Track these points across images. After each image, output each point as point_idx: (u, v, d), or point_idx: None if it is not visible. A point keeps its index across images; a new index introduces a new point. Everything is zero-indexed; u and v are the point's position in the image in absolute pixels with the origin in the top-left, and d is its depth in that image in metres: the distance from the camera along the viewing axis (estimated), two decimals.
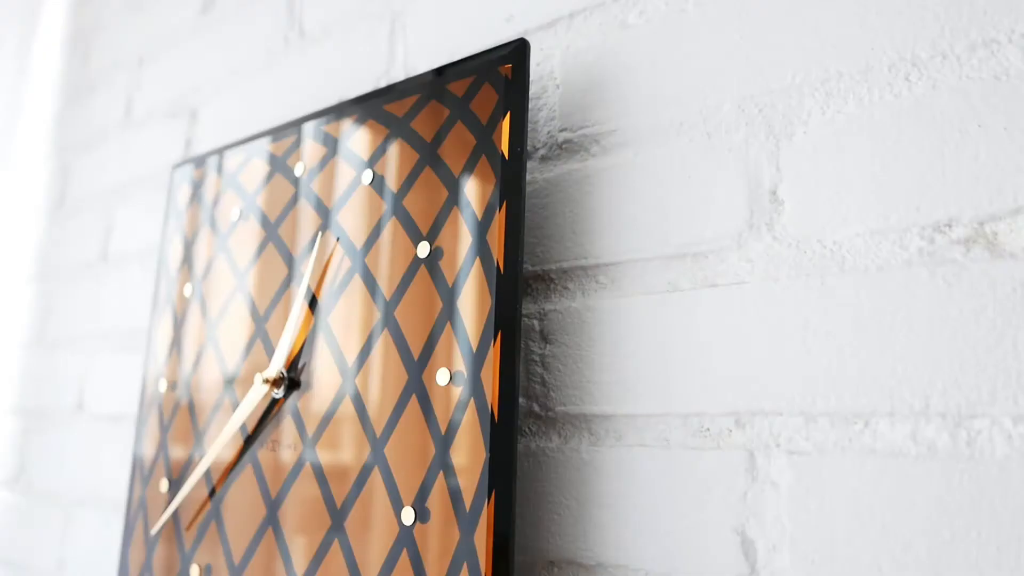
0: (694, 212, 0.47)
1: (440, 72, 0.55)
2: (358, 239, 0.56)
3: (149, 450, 0.69)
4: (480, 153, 0.50)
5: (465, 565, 0.45)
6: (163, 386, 0.69)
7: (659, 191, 0.49)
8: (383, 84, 0.67)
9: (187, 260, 0.71)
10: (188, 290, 0.69)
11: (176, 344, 0.69)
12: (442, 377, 0.48)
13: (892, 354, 0.39)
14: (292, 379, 0.58)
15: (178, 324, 0.69)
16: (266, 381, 0.57)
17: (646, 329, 0.48)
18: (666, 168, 0.49)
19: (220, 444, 0.60)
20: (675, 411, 0.46)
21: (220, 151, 0.71)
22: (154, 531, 0.64)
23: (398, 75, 0.66)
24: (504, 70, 0.51)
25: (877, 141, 0.41)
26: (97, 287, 0.93)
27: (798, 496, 0.41)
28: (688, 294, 0.46)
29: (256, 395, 0.58)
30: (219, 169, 0.70)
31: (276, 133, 0.66)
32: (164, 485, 0.66)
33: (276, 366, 0.57)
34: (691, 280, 0.47)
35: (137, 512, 0.68)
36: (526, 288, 0.53)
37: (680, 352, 0.46)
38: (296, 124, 0.64)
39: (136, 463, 0.70)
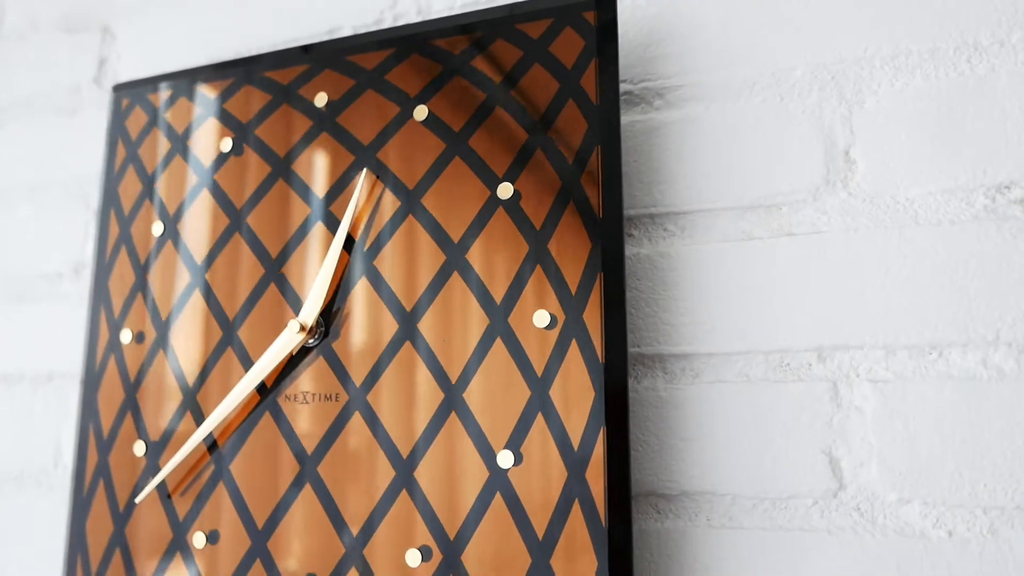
0: (768, 167, 0.51)
1: (508, 11, 0.53)
2: (410, 179, 0.53)
3: (108, 412, 0.60)
4: (566, 97, 0.50)
5: (576, 502, 0.46)
6: (126, 337, 0.60)
7: (731, 146, 0.52)
8: (388, 18, 0.64)
9: (149, 195, 0.62)
10: (157, 229, 0.61)
11: (141, 289, 0.60)
12: (540, 319, 0.48)
13: (964, 294, 0.46)
14: (326, 326, 0.54)
15: (143, 267, 0.61)
16: (302, 328, 0.53)
17: (722, 274, 0.51)
18: (738, 125, 0.52)
19: (234, 399, 0.54)
20: (755, 349, 0.50)
21: (191, 74, 0.63)
22: (139, 499, 0.56)
23: (407, 10, 0.63)
24: (588, 16, 0.51)
25: (944, 113, 0.48)
26: None
27: (882, 418, 0.47)
28: (765, 242, 0.50)
29: (286, 343, 0.53)
30: (191, 94, 0.62)
31: (278, 59, 0.60)
32: (140, 448, 0.58)
33: (311, 312, 0.53)
34: (767, 230, 0.51)
35: (94, 482, 0.59)
36: None
37: (758, 295, 0.50)
38: (304, 51, 0.59)
39: (87, 428, 0.60)
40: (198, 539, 0.54)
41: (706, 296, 0.51)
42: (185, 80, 0.63)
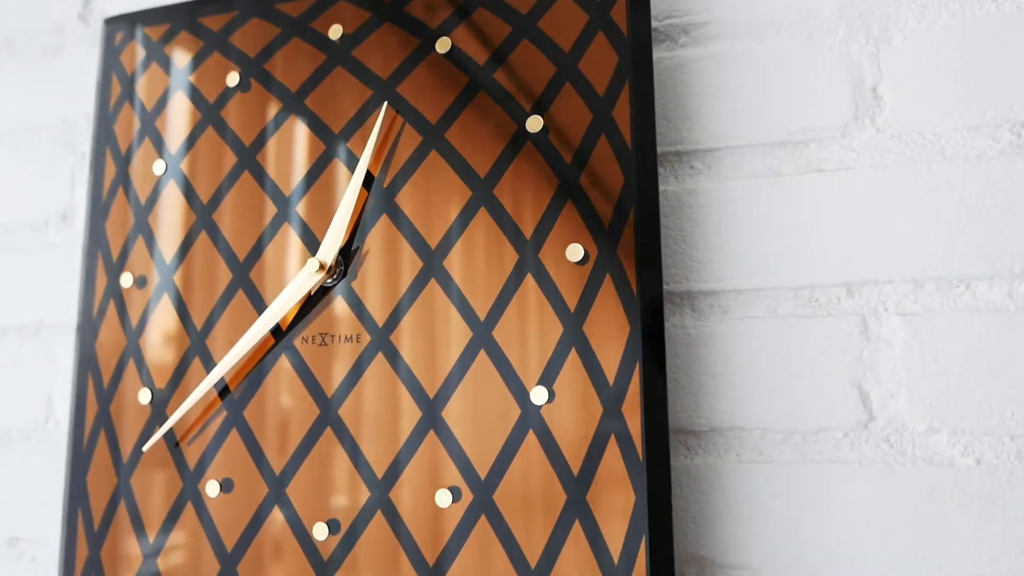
0: (796, 104, 0.51)
1: None
2: (432, 113, 0.52)
3: (108, 360, 0.57)
4: (595, 30, 0.49)
5: (613, 437, 0.45)
6: (127, 281, 0.57)
7: (758, 83, 0.52)
8: None
9: (148, 133, 0.59)
10: (159, 168, 0.58)
11: (142, 231, 0.58)
12: (573, 253, 0.47)
13: (991, 228, 0.47)
14: (345, 266, 0.52)
15: (143, 208, 0.58)
16: (321, 267, 0.51)
17: (750, 211, 0.51)
18: (765, 62, 0.52)
19: (248, 341, 0.52)
20: (784, 285, 0.50)
21: (192, 6, 0.60)
22: (146, 447, 0.54)
23: None
24: None
25: (970, 50, 0.49)
26: None
27: (912, 350, 0.47)
28: (793, 179, 0.50)
29: (303, 283, 0.51)
30: (192, 27, 0.59)
31: None
32: (145, 396, 0.55)
33: (330, 250, 0.51)
34: (795, 166, 0.51)
35: (95, 433, 0.57)
36: None
37: (786, 231, 0.50)
38: None
39: (85, 378, 0.58)
40: (211, 487, 0.52)
41: (734, 233, 0.51)
42: (185, 12, 0.60)
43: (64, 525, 0.56)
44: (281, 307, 0.51)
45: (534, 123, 0.49)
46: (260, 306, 0.53)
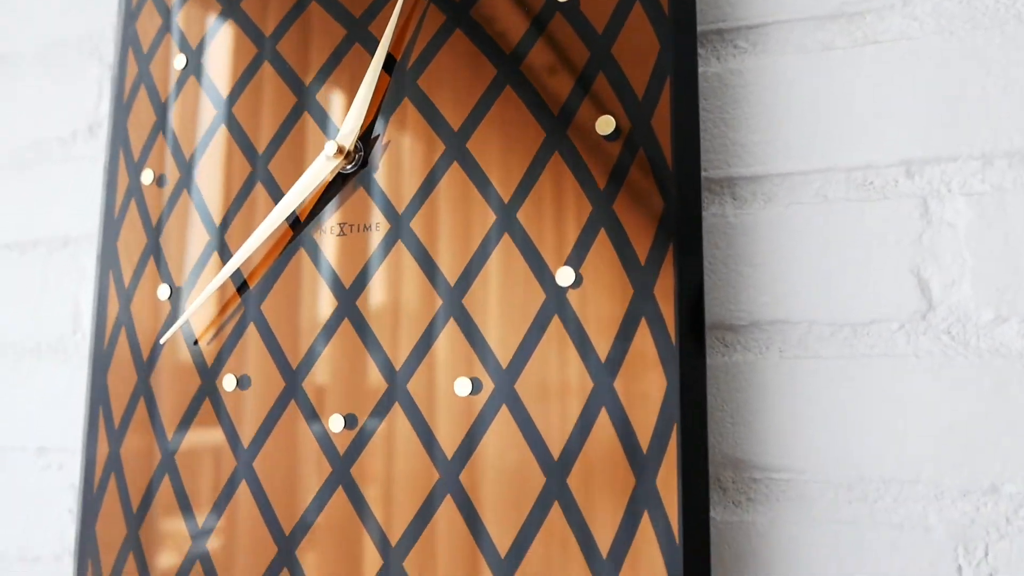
0: None
1: None
2: None
3: (129, 259, 0.56)
4: None
5: (644, 320, 0.42)
6: (147, 178, 0.56)
7: None
8: None
9: (168, 28, 0.58)
10: (179, 62, 0.56)
11: (162, 128, 0.56)
12: (603, 126, 0.44)
13: None
14: (365, 156, 0.50)
15: (163, 104, 0.57)
16: (339, 152, 0.49)
17: (798, 88, 0.47)
18: None
19: (264, 231, 0.50)
20: (835, 167, 0.46)
21: None
22: (163, 340, 0.53)
23: None
24: None
25: None
26: None
27: (978, 233, 0.43)
28: (847, 52, 0.46)
29: (319, 170, 0.49)
30: None
31: None
32: (164, 292, 0.54)
33: (349, 134, 0.49)
34: (849, 39, 0.46)
35: (115, 332, 0.56)
36: None
37: (839, 109, 0.46)
38: None
39: (107, 277, 0.57)
40: (228, 382, 0.51)
41: (780, 113, 0.47)
42: None
43: (86, 424, 0.56)
44: (298, 194, 0.49)
45: None
46: (279, 198, 0.52)
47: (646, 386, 0.41)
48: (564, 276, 0.44)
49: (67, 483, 0.62)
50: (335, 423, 0.47)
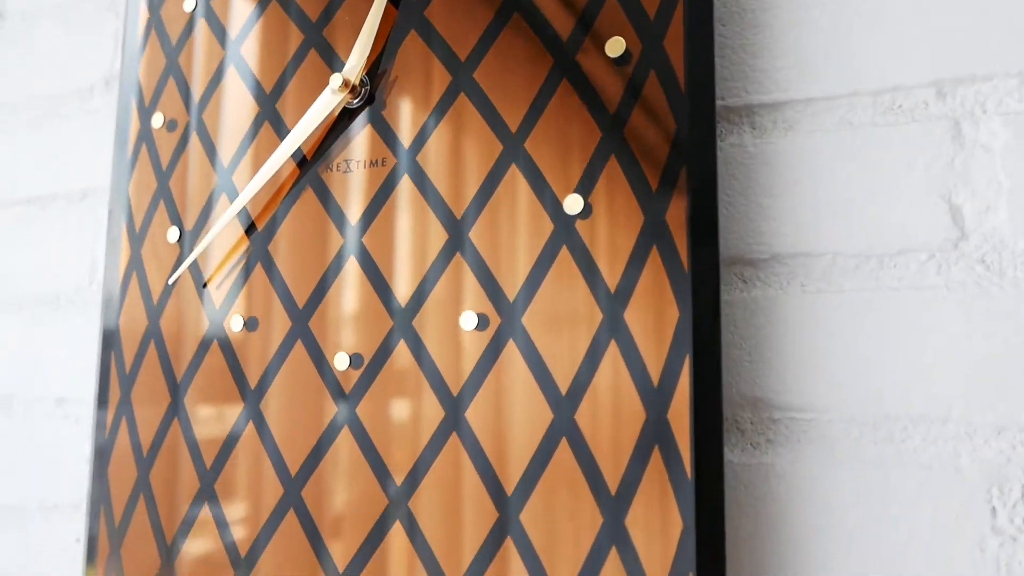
0: None
1: None
2: None
3: (140, 203, 0.56)
4: None
5: (655, 248, 0.40)
6: (157, 122, 0.56)
7: None
8: None
9: None
10: (189, 4, 0.56)
11: (172, 72, 0.56)
12: (613, 48, 0.42)
13: None
14: (371, 90, 0.48)
15: (174, 48, 0.56)
16: (344, 85, 0.47)
17: (821, 9, 0.44)
18: None
19: (270, 168, 0.49)
20: (861, 90, 0.43)
21: None
22: (172, 280, 0.52)
23: None
24: None
25: None
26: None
27: (1015, 154, 0.40)
28: None
29: (325, 104, 0.48)
30: None
31: None
32: (173, 235, 0.54)
33: (354, 68, 0.48)
34: None
35: (127, 276, 0.55)
36: None
37: (864, 28, 0.43)
38: None
39: (119, 223, 0.56)
40: (235, 322, 0.50)
41: (802, 36, 0.44)
42: None
43: (98, 369, 0.55)
44: (304, 129, 0.48)
45: None
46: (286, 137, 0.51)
47: (657, 317, 0.40)
48: (572, 204, 0.42)
49: (85, 433, 0.63)
50: (340, 361, 0.46)
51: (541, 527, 0.41)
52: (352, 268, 0.47)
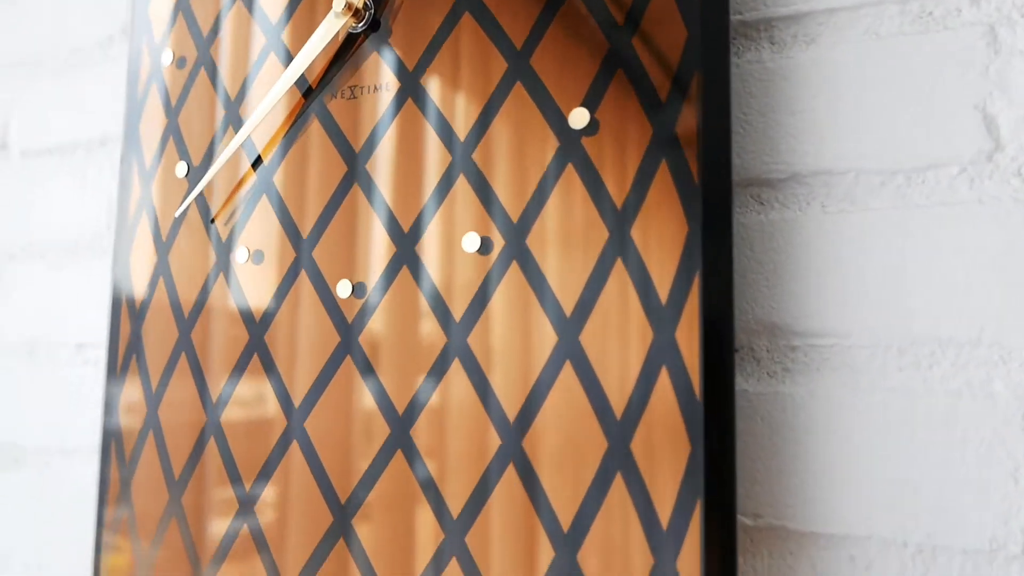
0: None
1: None
2: None
3: (150, 141, 0.55)
4: None
5: (664, 161, 0.38)
6: (167, 59, 0.55)
7: None
8: None
9: None
10: None
11: (181, 8, 0.55)
12: None
13: None
14: (376, 15, 0.47)
15: None
16: (348, 8, 0.46)
17: None
18: None
19: (274, 96, 0.48)
20: None
21: None
22: (177, 214, 0.52)
23: None
24: None
25: None
26: None
27: None
28: None
29: (328, 28, 0.47)
30: None
31: None
32: (182, 170, 0.53)
33: None
34: None
35: (138, 214, 0.55)
36: None
37: None
38: None
39: (130, 161, 0.56)
40: (240, 254, 0.50)
41: None
42: None
43: (110, 306, 0.55)
44: (308, 55, 0.47)
45: None
46: None
47: (666, 233, 0.38)
48: (578, 118, 0.40)
49: (104, 377, 0.63)
50: (343, 289, 0.45)
51: (545, 453, 0.39)
52: (354, 195, 0.46)
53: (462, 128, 0.43)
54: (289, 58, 0.50)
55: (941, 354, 0.38)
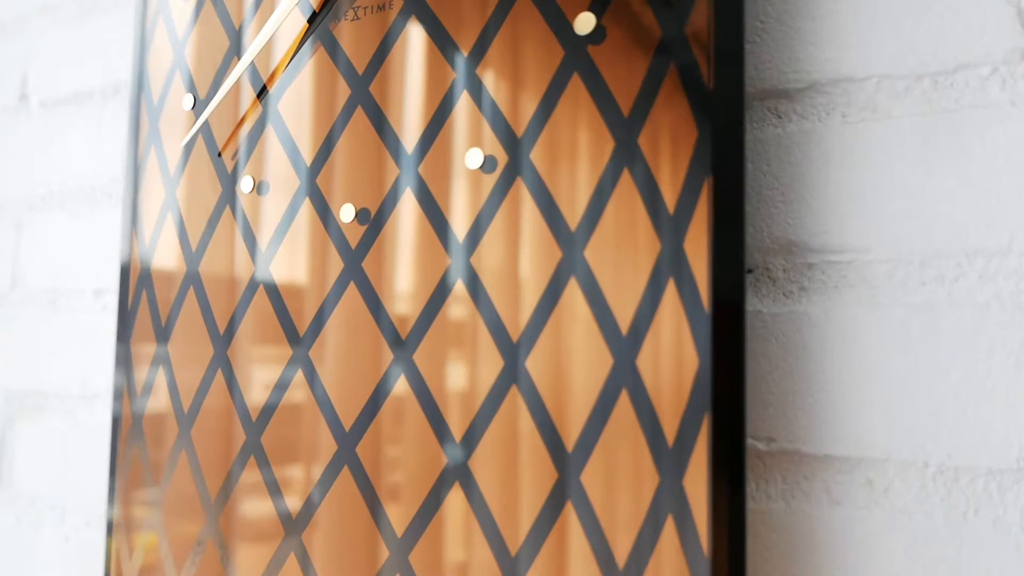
0: None
1: None
2: None
3: (158, 77, 0.55)
4: None
5: (672, 66, 0.36)
6: None
7: None
8: None
9: None
10: None
11: None
12: None
13: None
14: None
15: None
16: None
17: None
18: None
19: (278, 18, 0.47)
20: None
21: None
22: (183, 143, 0.51)
23: None
24: None
25: None
26: None
27: None
28: None
29: None
30: None
31: None
32: (188, 102, 0.53)
33: None
34: None
35: (146, 150, 0.55)
36: None
37: None
38: None
39: (138, 100, 0.56)
40: (246, 184, 0.49)
41: None
42: None
43: (120, 243, 0.55)
44: None
45: None
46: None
47: (674, 139, 0.36)
48: (584, 23, 0.38)
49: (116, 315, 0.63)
50: (346, 214, 0.45)
51: (548, 372, 0.38)
52: (359, 117, 0.45)
53: (466, 44, 0.42)
54: None
55: (968, 265, 0.35)
